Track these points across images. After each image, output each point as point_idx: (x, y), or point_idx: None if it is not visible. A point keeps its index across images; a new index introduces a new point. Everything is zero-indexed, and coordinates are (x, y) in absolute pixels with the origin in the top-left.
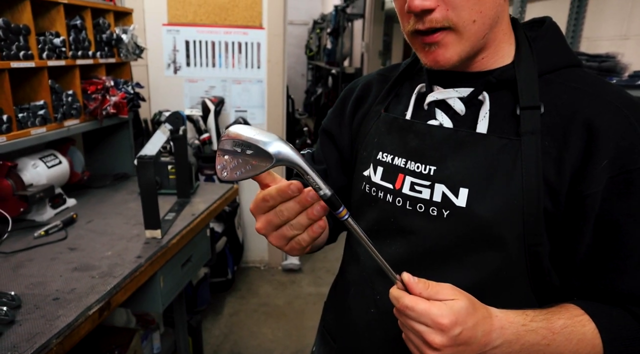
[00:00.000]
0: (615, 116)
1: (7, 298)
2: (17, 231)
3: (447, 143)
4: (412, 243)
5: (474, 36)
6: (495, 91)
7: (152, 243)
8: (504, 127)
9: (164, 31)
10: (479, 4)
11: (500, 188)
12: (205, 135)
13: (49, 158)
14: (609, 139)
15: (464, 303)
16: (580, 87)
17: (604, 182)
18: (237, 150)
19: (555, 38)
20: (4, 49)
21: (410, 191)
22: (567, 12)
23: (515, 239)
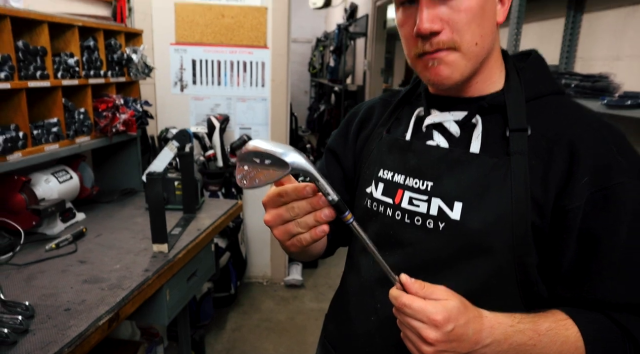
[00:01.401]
0: (594, 138)
1: (21, 308)
2: (29, 244)
3: (443, 161)
4: (409, 254)
5: (475, 58)
6: (487, 115)
7: (159, 257)
8: (495, 147)
9: (172, 50)
10: (480, 29)
11: (492, 203)
12: (210, 152)
13: (60, 173)
14: (588, 158)
15: (456, 302)
16: (563, 112)
17: (585, 198)
18: (257, 161)
19: (541, 69)
20: (22, 70)
21: (408, 205)
22: (561, 33)
23: (505, 250)
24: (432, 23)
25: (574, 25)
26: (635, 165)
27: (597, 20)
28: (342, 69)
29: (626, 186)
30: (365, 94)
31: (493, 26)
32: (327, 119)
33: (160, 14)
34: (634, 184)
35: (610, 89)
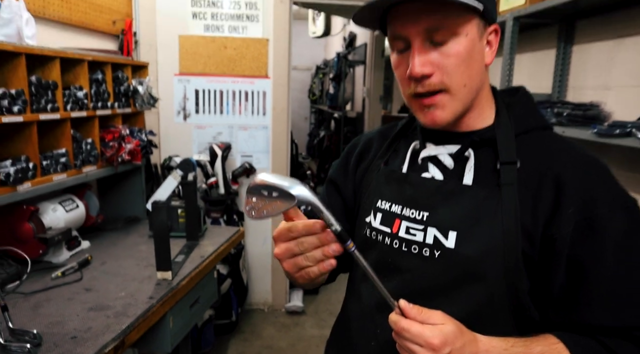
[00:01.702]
0: (579, 172)
1: (29, 336)
2: (35, 272)
3: (438, 193)
4: (407, 281)
5: (465, 98)
6: (479, 148)
7: (163, 284)
8: (487, 179)
9: (175, 80)
10: (468, 71)
11: (484, 231)
12: (213, 179)
13: (67, 202)
14: (574, 190)
15: (452, 327)
16: (550, 146)
17: (571, 227)
18: (264, 193)
19: (528, 105)
20: (34, 103)
21: (405, 234)
22: (553, 63)
23: (498, 277)
24: (424, 67)
25: (564, 56)
26: (618, 197)
27: (586, 51)
28: (342, 96)
29: (610, 216)
30: (365, 120)
31: (481, 68)
32: (327, 145)
33: (165, 46)
34: (617, 215)
35: (601, 118)
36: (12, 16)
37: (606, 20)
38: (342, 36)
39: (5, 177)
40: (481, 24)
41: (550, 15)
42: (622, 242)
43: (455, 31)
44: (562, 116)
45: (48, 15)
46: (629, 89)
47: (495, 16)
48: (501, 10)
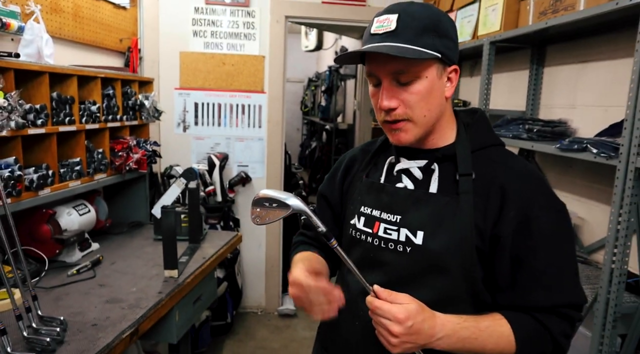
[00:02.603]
0: (519, 181)
1: (56, 322)
2: (52, 270)
3: (408, 199)
4: (386, 272)
5: (425, 125)
6: (443, 163)
7: (170, 282)
8: (448, 188)
9: (176, 94)
10: (427, 105)
11: (445, 231)
12: (211, 187)
13: (80, 207)
14: (514, 196)
15: (414, 305)
16: (498, 161)
17: (512, 227)
18: (266, 204)
19: (484, 125)
20: (54, 116)
21: (383, 234)
22: (526, 82)
23: (457, 268)
24: (390, 102)
25: (537, 77)
26: (550, 201)
27: (556, 73)
28: (333, 108)
29: (541, 219)
30: (355, 132)
31: (441, 100)
32: (318, 155)
33: (167, 62)
34: (548, 216)
35: (568, 134)
36: (33, 37)
37: (572, 46)
38: (334, 50)
39: (29, 183)
40: (440, 66)
41: (523, 40)
42: (551, 238)
43: (417, 75)
44: (532, 131)
45: (63, 35)
46: (591, 108)
47: (455, 58)
48: (479, 34)
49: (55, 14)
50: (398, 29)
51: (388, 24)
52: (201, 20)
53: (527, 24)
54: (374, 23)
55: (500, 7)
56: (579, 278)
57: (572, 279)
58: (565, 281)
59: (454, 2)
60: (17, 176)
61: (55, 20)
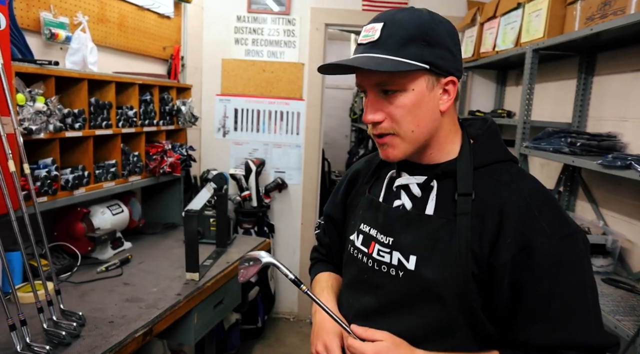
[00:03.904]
0: (519, 203)
1: (76, 316)
2: (84, 266)
3: (400, 221)
4: (379, 295)
5: (414, 141)
6: (443, 180)
7: (191, 284)
8: (446, 208)
9: (217, 100)
10: (415, 119)
11: (440, 256)
12: (246, 192)
13: (114, 207)
14: (513, 221)
15: (387, 343)
16: (500, 179)
17: (510, 256)
18: (246, 264)
19: (492, 138)
20: (92, 120)
21: (377, 256)
22: (574, 93)
23: (452, 296)
24: (374, 115)
25: (585, 87)
26: (554, 227)
27: (606, 82)
28: None
29: (544, 246)
30: None
31: (432, 115)
32: None
33: (209, 69)
34: (550, 244)
35: (617, 148)
36: (79, 46)
37: (625, 53)
38: None
39: (65, 183)
40: (432, 78)
41: (570, 47)
42: (555, 268)
43: (402, 87)
44: (575, 145)
45: (109, 44)
46: None
47: (452, 69)
48: (522, 41)
49: (102, 24)
50: (381, 39)
51: (372, 33)
52: (243, 29)
53: (573, 31)
54: (362, 32)
55: (544, 13)
56: (595, 315)
57: (583, 315)
58: (572, 318)
59: (497, 8)
60: (53, 175)
61: (101, 30)
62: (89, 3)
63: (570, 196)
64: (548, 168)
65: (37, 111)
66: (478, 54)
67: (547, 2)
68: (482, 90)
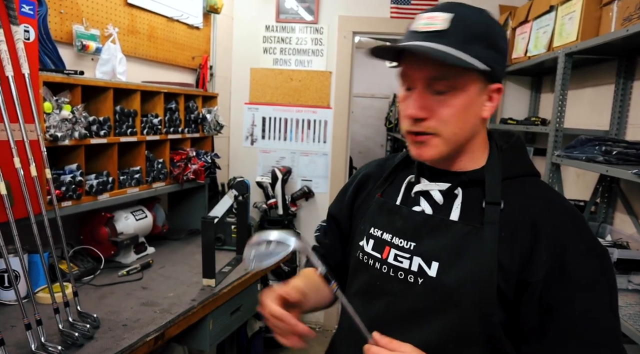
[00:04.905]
0: (554, 220)
1: (91, 319)
2: (107, 269)
3: (425, 225)
4: (392, 303)
5: (454, 143)
6: (468, 188)
7: (207, 290)
8: (472, 216)
9: (245, 109)
10: (460, 122)
11: (464, 264)
12: (272, 200)
13: (138, 212)
14: (548, 238)
15: (408, 346)
16: (532, 193)
17: (544, 273)
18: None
19: (519, 151)
20: (117, 128)
21: (394, 261)
22: (612, 99)
23: (472, 307)
24: (420, 111)
25: (624, 92)
26: (590, 245)
27: None
28: None
29: (580, 264)
30: None
31: (476, 120)
32: None
33: (238, 78)
34: (587, 262)
35: None
36: (109, 57)
37: None
38: None
39: (89, 188)
40: (484, 81)
41: (606, 51)
42: (590, 288)
43: (455, 85)
44: (611, 154)
45: (138, 54)
46: None
47: (501, 76)
48: (555, 45)
49: (132, 35)
50: (449, 30)
51: (436, 22)
52: (271, 38)
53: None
54: (418, 20)
55: (577, 15)
56: (621, 338)
57: (613, 337)
58: (605, 339)
59: (530, 12)
60: (78, 181)
61: (131, 41)
62: (120, 16)
63: (608, 208)
64: (584, 178)
65: (63, 119)
66: (510, 59)
67: (580, 3)
68: (515, 97)
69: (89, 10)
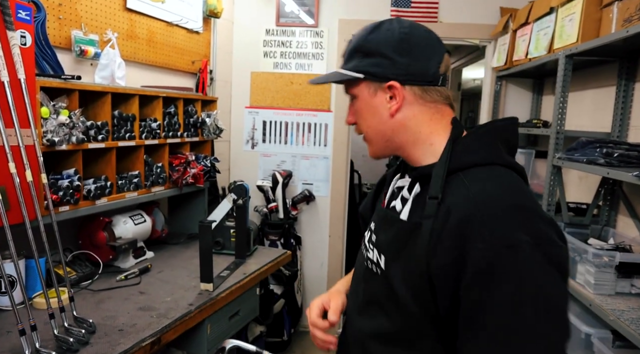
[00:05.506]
0: (469, 206)
1: (87, 324)
2: (105, 274)
3: (382, 220)
4: (365, 291)
5: (377, 142)
6: (425, 183)
7: (204, 294)
8: (419, 211)
9: (246, 112)
10: (366, 122)
11: (402, 259)
12: (273, 204)
13: (136, 217)
14: (455, 224)
15: None
16: (466, 182)
17: (449, 260)
18: None
19: (474, 142)
20: (115, 132)
21: (366, 251)
22: (613, 100)
23: (413, 299)
24: (349, 117)
25: (625, 94)
26: (497, 235)
27: None
28: None
29: (481, 253)
30: None
31: (382, 118)
32: None
33: (239, 82)
34: (485, 252)
35: None
36: (108, 62)
37: None
38: None
39: (87, 193)
40: (372, 84)
41: (607, 52)
42: (486, 280)
43: (353, 93)
44: (612, 156)
45: (137, 59)
46: None
47: (390, 74)
48: (555, 47)
49: (131, 40)
50: (344, 55)
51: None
52: (271, 42)
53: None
54: None
55: (577, 17)
56: (542, 336)
57: (521, 334)
58: (503, 335)
59: (530, 14)
60: (75, 185)
61: (130, 46)
62: (119, 21)
63: (611, 211)
64: (586, 181)
65: (60, 124)
66: (511, 62)
67: (580, 5)
68: (517, 99)
69: (88, 16)
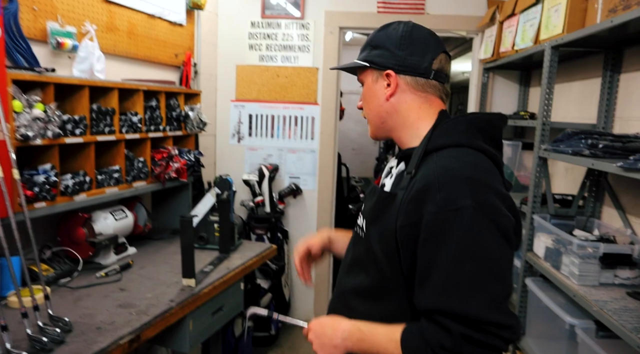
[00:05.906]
0: (427, 176)
1: (62, 322)
2: (85, 271)
3: (370, 193)
4: (352, 253)
5: (373, 123)
6: (408, 162)
7: (186, 290)
8: (398, 184)
9: (232, 106)
10: (368, 105)
11: (378, 222)
12: (259, 198)
13: (117, 212)
14: (416, 191)
15: (317, 320)
16: (435, 159)
17: (407, 222)
18: None
19: (450, 127)
20: (94, 127)
21: (358, 219)
22: (598, 92)
23: (385, 258)
24: (359, 102)
25: (611, 85)
26: (447, 200)
27: (634, 80)
28: None
29: (431, 215)
30: None
31: (379, 102)
32: None
33: (224, 75)
34: (436, 214)
35: None
36: (87, 54)
37: None
38: None
39: (65, 189)
40: (375, 73)
41: (593, 43)
42: (436, 239)
43: (361, 80)
44: (596, 147)
45: (117, 52)
46: None
47: (390, 64)
48: (541, 38)
49: (111, 32)
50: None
51: None
52: (257, 34)
53: None
54: None
55: (563, 8)
56: (483, 289)
57: (461, 284)
58: (447, 285)
59: (516, 5)
60: (52, 181)
61: (110, 39)
62: (98, 13)
63: (596, 202)
64: (572, 172)
65: (34, 118)
66: (498, 53)
67: None
68: (504, 91)
69: (65, 7)
